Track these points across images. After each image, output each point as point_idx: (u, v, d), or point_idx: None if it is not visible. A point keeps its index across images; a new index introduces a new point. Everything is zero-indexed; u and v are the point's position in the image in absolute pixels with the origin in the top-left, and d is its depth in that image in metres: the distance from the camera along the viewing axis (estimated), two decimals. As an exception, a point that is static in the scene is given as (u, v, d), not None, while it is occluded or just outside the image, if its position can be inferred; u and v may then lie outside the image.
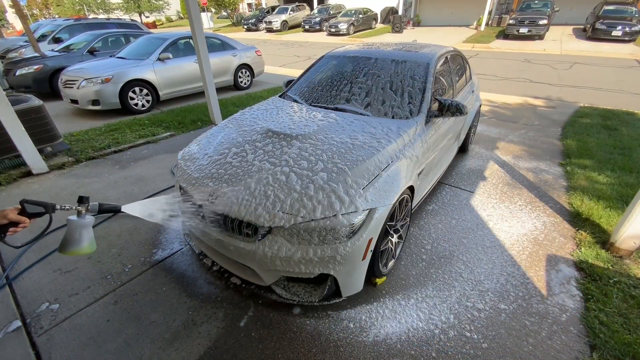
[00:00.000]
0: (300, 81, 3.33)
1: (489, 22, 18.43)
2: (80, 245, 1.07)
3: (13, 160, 3.83)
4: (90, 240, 1.09)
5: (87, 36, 7.99)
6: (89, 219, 1.10)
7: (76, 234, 1.07)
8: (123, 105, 5.81)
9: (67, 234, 1.07)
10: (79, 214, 1.09)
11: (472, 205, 3.09)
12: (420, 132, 2.44)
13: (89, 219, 1.10)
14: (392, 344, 1.80)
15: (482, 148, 4.38)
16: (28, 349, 1.79)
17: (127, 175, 3.74)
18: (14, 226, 1.01)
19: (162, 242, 2.65)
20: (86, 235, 1.09)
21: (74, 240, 1.06)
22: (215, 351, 1.78)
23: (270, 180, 1.83)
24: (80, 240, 1.07)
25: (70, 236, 1.07)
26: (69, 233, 1.07)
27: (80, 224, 1.08)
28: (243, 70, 7.82)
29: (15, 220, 1.00)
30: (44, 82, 6.89)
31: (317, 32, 20.95)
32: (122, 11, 33.51)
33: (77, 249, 1.06)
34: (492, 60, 11.07)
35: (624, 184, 3.29)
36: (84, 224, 1.08)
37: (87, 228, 1.09)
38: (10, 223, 1.00)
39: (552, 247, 2.54)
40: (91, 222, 1.11)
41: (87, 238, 1.09)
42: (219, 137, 2.45)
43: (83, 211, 1.09)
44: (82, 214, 1.09)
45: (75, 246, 1.06)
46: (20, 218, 1.01)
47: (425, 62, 2.86)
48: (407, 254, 2.47)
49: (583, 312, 1.98)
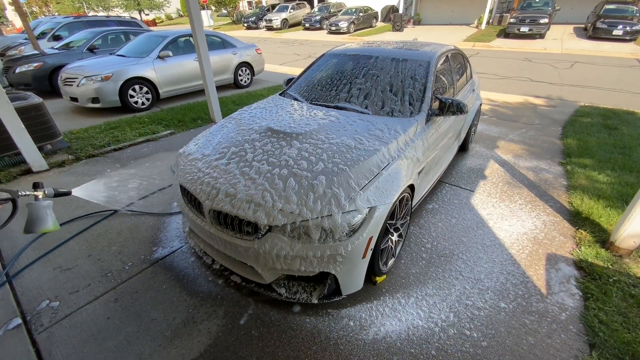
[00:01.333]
0: (301, 79, 3.33)
1: (489, 21, 18.39)
2: (46, 223, 1.17)
3: (13, 157, 3.82)
4: (53, 219, 1.20)
5: (87, 34, 7.97)
6: (47, 201, 1.21)
7: (41, 213, 1.16)
8: (123, 103, 5.80)
9: (31, 215, 1.15)
10: (36, 198, 1.19)
11: (472, 204, 3.09)
12: (421, 130, 2.44)
13: (47, 201, 1.21)
14: (392, 342, 1.80)
15: (483, 147, 4.37)
16: (28, 346, 1.79)
17: (127, 173, 3.74)
18: None
19: (163, 240, 2.65)
20: (50, 214, 1.19)
21: (39, 219, 1.16)
22: (216, 349, 1.78)
23: (271, 179, 1.82)
24: (46, 219, 1.17)
25: (35, 216, 1.16)
26: (32, 214, 1.15)
27: (42, 205, 1.17)
28: (243, 68, 7.81)
29: None
30: (44, 79, 6.88)
31: (317, 30, 20.91)
32: (121, 9, 33.42)
33: (44, 227, 1.16)
34: (493, 59, 11.05)
35: (624, 183, 3.29)
36: (45, 205, 1.18)
37: (48, 208, 1.19)
38: None
39: (552, 246, 2.55)
40: (50, 204, 1.21)
41: (51, 217, 1.19)
42: (219, 135, 2.44)
43: (40, 195, 1.20)
44: (38, 198, 1.19)
45: (42, 224, 1.16)
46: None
47: (426, 61, 2.85)
48: (407, 253, 2.47)
49: (582, 310, 1.98)
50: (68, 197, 1.43)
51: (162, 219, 2.91)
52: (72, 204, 3.13)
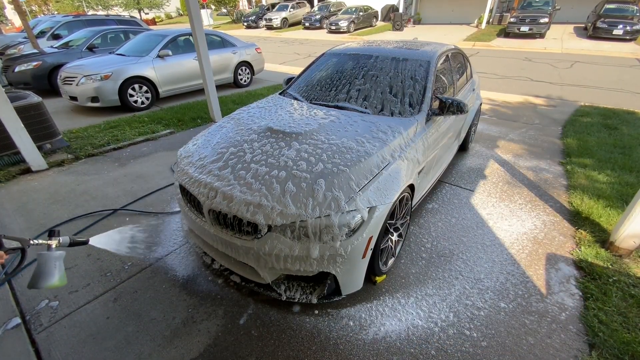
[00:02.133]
0: (301, 79, 3.32)
1: (489, 20, 18.36)
2: (52, 279, 1.06)
3: (12, 157, 3.82)
4: (61, 273, 1.09)
5: (86, 33, 7.95)
6: (59, 252, 1.11)
7: (49, 266, 1.06)
8: (122, 102, 5.79)
9: (38, 268, 1.06)
10: (49, 248, 1.10)
11: (472, 204, 3.09)
12: (421, 130, 2.43)
13: (59, 252, 1.11)
14: (391, 342, 1.80)
15: (483, 147, 4.37)
16: (28, 346, 1.79)
17: (126, 172, 3.74)
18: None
19: (162, 239, 2.64)
20: (59, 267, 1.08)
21: (45, 273, 1.05)
22: (215, 349, 1.78)
23: (270, 179, 1.82)
24: (52, 274, 1.06)
25: (41, 270, 1.05)
26: (40, 266, 1.06)
27: (52, 256, 1.08)
28: (243, 67, 7.79)
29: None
30: (43, 78, 6.87)
31: (317, 29, 20.87)
32: (121, 8, 33.36)
33: (49, 283, 1.05)
34: (493, 59, 11.04)
35: (624, 183, 3.29)
36: (55, 257, 1.08)
37: (59, 260, 1.09)
38: None
39: (552, 245, 2.54)
40: (62, 255, 1.11)
41: (59, 271, 1.08)
42: (218, 135, 2.44)
43: (53, 245, 1.10)
44: (51, 247, 1.10)
45: (48, 280, 1.05)
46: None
47: (426, 60, 2.85)
48: (407, 253, 2.47)
49: (582, 310, 1.98)
50: (67, 195, 1.41)
51: (161, 219, 2.91)
52: (72, 204, 3.12)
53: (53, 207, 3.08)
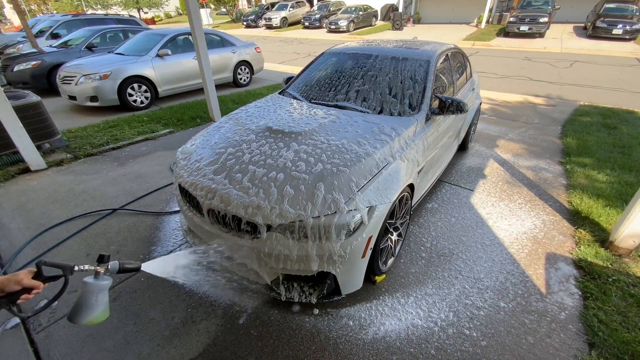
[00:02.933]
0: (300, 78, 3.31)
1: (489, 20, 18.35)
2: (94, 312, 0.94)
3: (11, 156, 3.81)
4: (104, 307, 0.97)
5: (85, 32, 7.93)
6: (106, 280, 0.99)
7: (92, 299, 0.94)
8: (122, 101, 5.78)
9: (81, 298, 0.94)
10: (97, 275, 0.98)
11: (472, 204, 3.09)
12: (421, 130, 2.43)
13: (106, 280, 0.99)
14: (391, 342, 1.80)
15: (482, 146, 4.37)
16: (27, 346, 1.78)
17: (125, 172, 3.73)
18: (26, 292, 0.90)
19: (161, 239, 2.64)
20: (101, 300, 0.96)
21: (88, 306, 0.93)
22: (215, 348, 1.78)
23: (270, 178, 1.82)
24: (95, 306, 0.94)
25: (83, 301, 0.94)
26: (82, 298, 0.94)
27: (97, 287, 0.96)
28: (242, 67, 7.78)
29: (29, 286, 0.89)
30: (42, 78, 6.85)
31: (316, 29, 20.84)
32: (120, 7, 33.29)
33: (90, 317, 0.93)
34: (493, 58, 11.04)
35: (624, 183, 3.29)
36: (100, 287, 0.96)
37: (103, 292, 0.97)
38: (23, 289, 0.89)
39: (552, 245, 2.54)
40: (108, 285, 0.99)
41: (102, 303, 0.96)
42: (217, 135, 2.43)
43: (101, 272, 0.98)
44: (99, 275, 0.98)
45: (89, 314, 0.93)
46: (35, 283, 0.90)
47: (426, 60, 2.84)
48: (406, 252, 2.47)
49: (582, 310, 1.98)
50: (66, 195, 1.39)
51: (160, 218, 2.90)
52: (71, 203, 3.12)
53: (52, 206, 3.07)
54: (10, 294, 0.88)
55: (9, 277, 0.87)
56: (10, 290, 0.87)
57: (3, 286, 0.86)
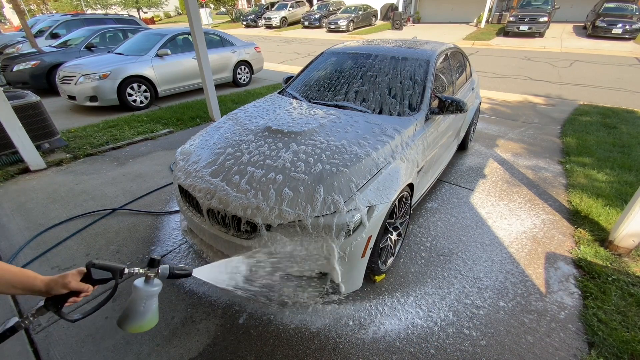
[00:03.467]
0: (300, 78, 3.31)
1: (489, 20, 18.35)
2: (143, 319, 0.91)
3: (10, 156, 3.81)
4: (153, 313, 0.94)
5: (85, 32, 7.92)
6: (157, 285, 0.95)
7: (140, 305, 0.91)
8: (121, 101, 5.77)
9: (130, 303, 0.91)
10: (147, 279, 0.94)
11: (472, 203, 3.09)
12: (420, 129, 2.43)
13: (157, 285, 0.95)
14: (391, 341, 1.80)
15: (482, 146, 4.37)
16: (26, 346, 1.79)
17: (125, 172, 3.73)
18: (74, 295, 0.86)
19: (161, 239, 2.64)
20: (150, 306, 0.93)
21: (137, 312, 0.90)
22: (214, 348, 1.78)
23: (269, 178, 1.81)
24: (144, 313, 0.91)
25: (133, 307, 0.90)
26: (132, 303, 0.91)
27: (147, 292, 0.92)
28: (242, 66, 7.78)
29: (77, 290, 0.85)
30: (42, 78, 6.84)
31: (316, 28, 20.83)
32: (120, 7, 33.26)
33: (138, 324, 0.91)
34: (492, 58, 11.04)
35: (623, 182, 3.29)
36: (150, 293, 0.92)
37: (153, 298, 0.94)
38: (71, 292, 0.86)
39: (551, 244, 2.55)
40: (158, 291, 0.95)
41: (150, 310, 0.93)
42: (216, 135, 2.43)
43: (152, 276, 0.94)
44: (150, 279, 0.94)
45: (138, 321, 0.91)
46: (83, 287, 0.86)
47: (426, 59, 2.84)
48: (406, 252, 2.47)
49: (581, 309, 1.98)
50: (66, 195, 1.38)
51: (160, 218, 2.90)
52: (70, 203, 3.11)
53: (51, 206, 3.07)
54: (58, 297, 0.84)
55: (56, 279, 0.84)
56: (56, 293, 0.84)
57: (49, 288, 0.83)
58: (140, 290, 0.91)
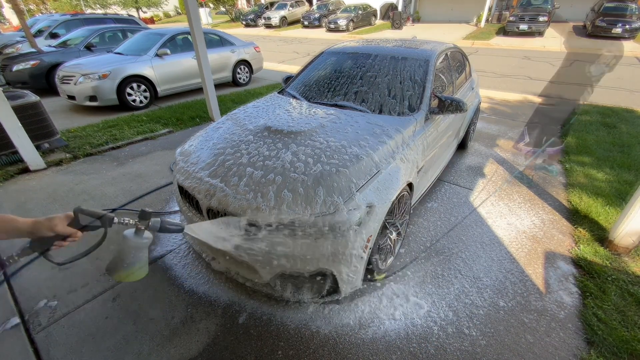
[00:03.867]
0: (299, 78, 3.31)
1: (489, 19, 18.34)
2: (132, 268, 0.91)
3: (10, 156, 3.80)
4: (142, 264, 0.93)
5: (84, 32, 7.91)
6: (146, 238, 0.93)
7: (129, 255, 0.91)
8: (121, 101, 5.77)
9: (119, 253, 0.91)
10: (138, 230, 0.92)
11: (471, 202, 3.09)
12: (420, 129, 2.43)
13: (146, 238, 0.93)
14: (390, 341, 1.80)
15: (482, 145, 4.37)
16: (27, 345, 1.79)
17: (125, 172, 3.73)
18: (61, 239, 0.87)
19: (161, 238, 2.64)
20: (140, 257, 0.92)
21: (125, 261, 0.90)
22: (214, 348, 1.78)
23: (269, 177, 1.81)
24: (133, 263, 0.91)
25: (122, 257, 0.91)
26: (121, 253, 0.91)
27: (137, 244, 0.91)
28: (242, 66, 7.78)
29: (63, 233, 0.85)
30: (41, 78, 6.84)
31: (316, 28, 20.81)
32: (119, 7, 33.22)
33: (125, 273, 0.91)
34: (492, 57, 11.03)
35: (623, 182, 3.29)
36: (140, 245, 0.92)
37: (142, 250, 0.93)
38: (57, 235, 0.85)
39: (551, 244, 2.55)
40: (148, 243, 0.94)
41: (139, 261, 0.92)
42: (215, 135, 2.43)
43: (143, 228, 0.93)
44: (141, 231, 0.92)
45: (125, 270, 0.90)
46: (70, 230, 0.86)
47: (425, 59, 2.84)
48: (406, 251, 2.47)
49: (581, 308, 1.98)
50: (65, 195, 1.37)
51: (160, 218, 2.90)
52: (70, 203, 3.11)
53: (51, 206, 3.07)
54: (43, 239, 0.83)
55: (42, 221, 0.83)
56: (42, 234, 0.82)
57: (35, 229, 0.82)
58: (129, 241, 0.91)
